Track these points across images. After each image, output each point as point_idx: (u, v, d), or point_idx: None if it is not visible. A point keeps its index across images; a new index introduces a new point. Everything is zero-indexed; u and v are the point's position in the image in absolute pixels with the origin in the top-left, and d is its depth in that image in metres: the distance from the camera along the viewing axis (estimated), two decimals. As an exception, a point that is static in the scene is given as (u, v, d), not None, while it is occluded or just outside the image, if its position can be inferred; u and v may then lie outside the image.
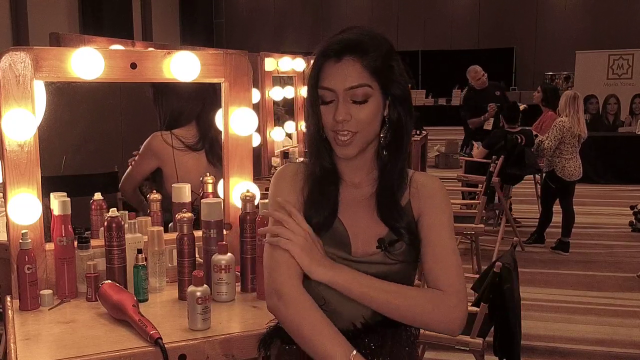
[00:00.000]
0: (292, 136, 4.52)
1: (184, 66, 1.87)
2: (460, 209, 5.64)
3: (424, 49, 17.59)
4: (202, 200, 1.89)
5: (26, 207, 1.71)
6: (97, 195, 2.01)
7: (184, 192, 2.13)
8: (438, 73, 17.11)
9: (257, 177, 2.02)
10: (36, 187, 1.73)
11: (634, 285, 4.52)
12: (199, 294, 1.53)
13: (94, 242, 1.86)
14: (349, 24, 1.37)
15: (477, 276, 2.89)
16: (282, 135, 4.27)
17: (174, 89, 2.38)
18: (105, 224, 1.78)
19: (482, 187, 4.98)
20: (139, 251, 1.78)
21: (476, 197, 5.27)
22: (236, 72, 1.95)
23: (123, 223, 1.80)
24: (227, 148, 1.99)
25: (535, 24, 16.92)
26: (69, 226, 1.77)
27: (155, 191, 2.14)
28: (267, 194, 1.41)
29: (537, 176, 6.44)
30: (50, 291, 1.74)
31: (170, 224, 2.13)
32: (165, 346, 1.44)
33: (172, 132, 2.43)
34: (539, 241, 5.56)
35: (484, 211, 4.63)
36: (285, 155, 4.08)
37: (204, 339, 1.51)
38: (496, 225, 5.86)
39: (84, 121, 2.51)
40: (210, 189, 2.16)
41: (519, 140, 5.48)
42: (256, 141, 3.70)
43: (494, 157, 5.13)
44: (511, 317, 2.38)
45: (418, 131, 7.01)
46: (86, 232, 2.01)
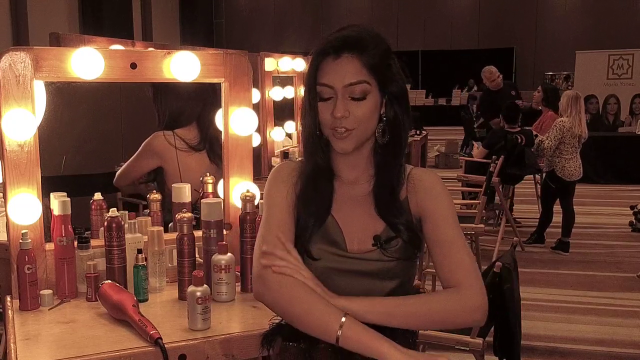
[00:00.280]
0: (292, 136, 4.52)
1: (184, 66, 1.86)
2: (460, 209, 5.63)
3: (424, 49, 17.61)
4: (202, 200, 1.88)
5: (26, 207, 1.70)
6: (97, 195, 2.01)
7: (184, 192, 2.12)
8: (438, 73, 17.13)
9: (257, 177, 2.02)
10: (36, 187, 1.73)
11: (634, 285, 4.52)
12: (199, 294, 1.53)
13: (94, 242, 1.86)
14: (350, 23, 1.37)
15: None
16: (282, 135, 4.27)
17: (174, 89, 2.37)
18: (105, 224, 1.78)
19: (482, 187, 4.98)
20: (139, 251, 1.77)
21: (476, 197, 5.26)
22: (236, 72, 1.95)
23: (123, 223, 1.80)
24: (227, 148, 1.99)
25: (535, 24, 16.93)
26: (69, 226, 1.77)
27: (156, 191, 2.14)
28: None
29: (537, 176, 6.44)
30: (50, 291, 1.74)
31: (170, 224, 2.13)
32: (165, 346, 1.44)
33: (175, 132, 2.43)
34: (539, 241, 5.56)
35: (484, 211, 4.63)
36: (285, 155, 4.08)
37: (204, 339, 1.51)
38: (496, 225, 5.86)
39: (84, 121, 2.51)
40: (210, 189, 2.16)
41: (519, 140, 5.48)
42: (256, 141, 3.70)
43: (494, 157, 5.13)
44: (511, 317, 2.38)
45: (418, 131, 7.01)
46: (86, 232, 2.01)
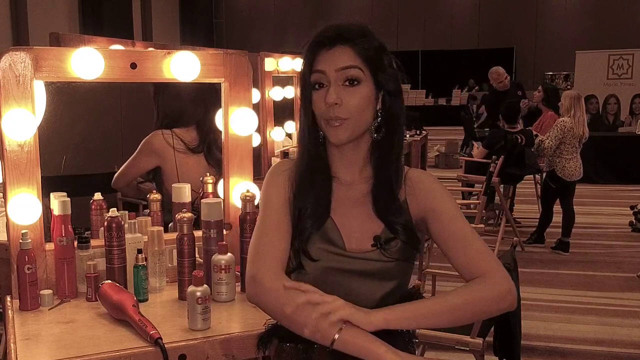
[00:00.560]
0: (292, 136, 4.52)
1: (184, 66, 1.86)
2: (460, 209, 5.63)
3: (424, 49, 17.61)
4: (202, 200, 1.88)
5: (26, 207, 1.70)
6: (97, 195, 2.01)
7: (184, 192, 2.12)
8: (438, 73, 17.13)
9: (257, 177, 2.02)
10: (36, 187, 1.73)
11: (634, 285, 4.52)
12: (199, 294, 1.53)
13: (94, 242, 1.86)
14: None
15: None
16: (282, 135, 4.27)
17: (175, 89, 2.37)
18: (105, 224, 1.78)
19: (482, 187, 4.98)
20: (139, 251, 1.77)
21: (477, 197, 5.27)
22: (236, 72, 1.95)
23: (123, 223, 1.80)
24: (227, 148, 1.99)
25: (535, 24, 16.93)
26: (69, 226, 1.77)
27: (155, 191, 2.14)
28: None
29: (537, 176, 6.44)
30: (50, 291, 1.74)
31: (170, 224, 2.13)
32: (165, 346, 1.44)
33: (173, 132, 2.42)
34: (539, 241, 5.56)
35: (484, 211, 4.63)
36: (285, 155, 4.08)
37: (204, 339, 1.51)
38: (496, 225, 5.86)
39: (84, 121, 2.52)
40: (210, 189, 2.16)
41: (519, 140, 5.48)
42: (256, 141, 3.69)
43: (494, 157, 5.13)
44: (511, 317, 2.38)
45: (418, 131, 7.01)
46: (86, 232, 2.01)
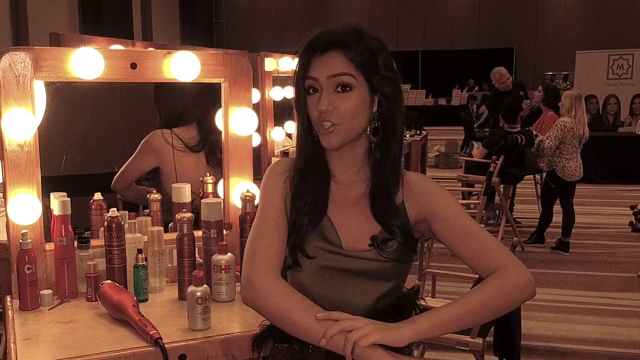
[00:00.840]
0: (292, 136, 4.52)
1: (184, 66, 1.86)
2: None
3: (424, 49, 17.61)
4: (202, 200, 1.88)
5: (26, 207, 1.70)
6: (97, 195, 2.01)
7: (184, 192, 2.12)
8: (438, 73, 17.13)
9: (257, 177, 2.01)
10: (36, 187, 1.73)
11: (634, 285, 4.52)
12: (199, 294, 1.53)
13: (94, 242, 1.86)
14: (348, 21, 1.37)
15: (478, 276, 2.89)
16: (282, 135, 4.27)
17: (176, 88, 2.37)
18: (105, 224, 1.78)
19: (482, 187, 4.98)
20: (139, 251, 1.77)
21: (477, 197, 5.27)
22: (236, 72, 1.95)
23: (123, 223, 1.80)
24: (227, 148, 1.99)
25: (535, 24, 16.92)
26: (69, 226, 1.77)
27: (155, 191, 2.14)
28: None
29: (537, 176, 6.44)
30: (50, 291, 1.74)
31: (170, 224, 2.12)
32: (165, 346, 1.44)
33: (173, 131, 2.42)
34: (539, 241, 5.56)
35: (484, 211, 4.63)
36: (285, 155, 4.08)
37: (204, 339, 1.51)
38: (496, 225, 5.86)
39: (84, 121, 2.51)
40: (210, 189, 2.16)
41: (519, 140, 5.48)
42: (256, 141, 3.69)
43: (494, 157, 5.13)
44: (511, 317, 2.38)
45: (418, 131, 7.02)
46: (86, 232, 2.01)
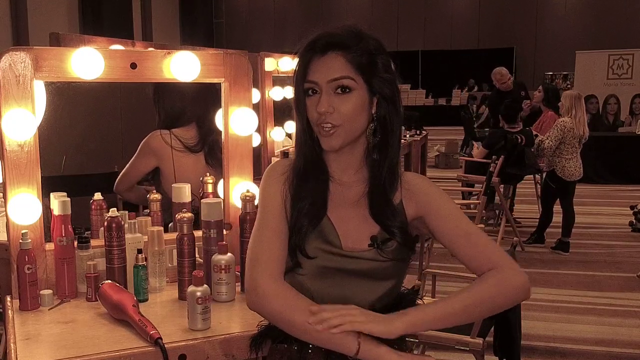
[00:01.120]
0: (292, 136, 4.51)
1: (184, 66, 1.86)
2: (460, 208, 5.63)
3: (424, 49, 17.60)
4: (202, 200, 1.88)
5: (26, 207, 1.70)
6: (97, 195, 2.01)
7: (184, 192, 2.12)
8: (438, 73, 17.13)
9: (257, 177, 2.01)
10: (36, 187, 1.73)
11: (634, 285, 4.52)
12: (199, 294, 1.53)
13: (94, 242, 1.85)
14: (348, 22, 1.37)
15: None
16: (282, 135, 4.27)
17: (175, 89, 2.37)
18: (105, 224, 1.78)
19: (482, 187, 4.98)
20: (139, 251, 1.77)
21: (477, 197, 5.26)
22: (236, 72, 1.95)
23: (123, 223, 1.80)
24: (227, 148, 1.99)
25: (535, 24, 16.92)
26: (69, 226, 1.77)
27: (155, 191, 2.14)
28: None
29: (537, 176, 6.44)
30: (50, 291, 1.74)
31: (170, 224, 2.12)
32: (165, 346, 1.44)
33: (172, 132, 2.42)
34: (539, 241, 5.56)
35: (484, 211, 4.63)
36: (285, 155, 4.08)
37: (204, 339, 1.51)
38: (496, 225, 5.86)
39: (84, 121, 2.51)
40: (210, 189, 2.16)
41: (519, 140, 5.48)
42: (256, 141, 3.69)
43: (494, 157, 5.13)
44: (511, 317, 2.38)
45: (418, 131, 7.02)
46: (86, 232, 2.01)
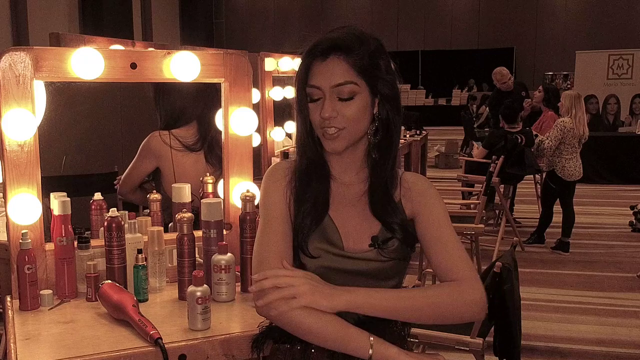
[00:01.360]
0: (292, 136, 4.52)
1: (184, 66, 1.86)
2: (460, 209, 5.63)
3: (424, 49, 17.60)
4: (202, 200, 1.88)
5: (26, 207, 1.70)
6: (97, 195, 2.01)
7: (184, 192, 2.12)
8: (438, 73, 17.12)
9: (257, 177, 2.01)
10: (36, 187, 1.73)
11: (634, 285, 4.52)
12: (199, 294, 1.53)
13: (94, 242, 1.86)
14: (348, 23, 1.37)
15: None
16: (282, 135, 4.27)
17: (176, 89, 2.37)
18: (105, 224, 1.78)
19: (482, 187, 4.98)
20: (139, 251, 1.77)
21: (477, 197, 5.26)
22: (236, 72, 1.95)
23: (123, 223, 1.80)
24: (227, 148, 1.99)
25: (535, 24, 16.91)
26: (69, 226, 1.77)
27: (155, 191, 2.14)
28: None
29: (537, 176, 6.44)
30: (50, 291, 1.74)
31: (170, 224, 2.12)
32: (165, 346, 1.44)
33: (171, 132, 2.42)
34: (539, 241, 5.56)
35: (484, 211, 4.63)
36: (285, 155, 4.08)
37: (204, 339, 1.51)
38: (496, 225, 5.86)
39: (84, 121, 2.51)
40: (210, 189, 2.16)
41: (519, 140, 5.48)
42: (256, 141, 3.69)
43: (494, 157, 5.13)
44: (511, 317, 2.38)
45: (418, 131, 7.01)
46: (86, 232, 2.01)
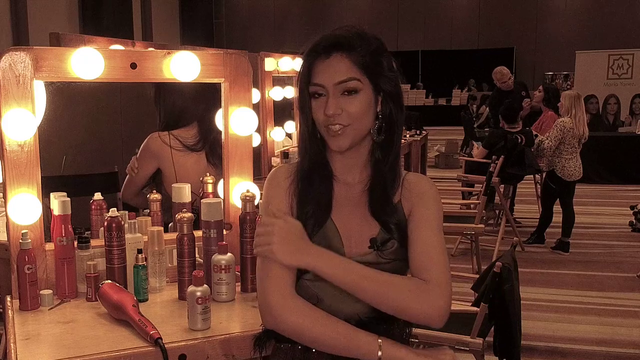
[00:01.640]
0: (292, 136, 4.52)
1: (184, 66, 1.86)
2: (460, 209, 5.63)
3: (424, 49, 17.60)
4: (202, 200, 1.88)
5: (26, 207, 1.70)
6: (97, 195, 2.01)
7: (184, 192, 2.13)
8: (438, 73, 17.13)
9: (257, 177, 2.02)
10: (36, 187, 1.73)
11: (634, 285, 4.52)
12: (199, 294, 1.53)
13: (94, 242, 1.86)
14: (349, 23, 1.37)
15: (477, 276, 2.89)
16: (282, 135, 4.27)
17: (176, 89, 2.37)
18: (105, 224, 1.78)
19: (482, 187, 4.98)
20: (139, 251, 1.77)
21: (477, 197, 5.26)
22: (236, 72, 1.95)
23: (123, 223, 1.80)
24: (227, 148, 1.99)
25: (535, 24, 16.91)
26: (69, 226, 1.77)
27: (155, 191, 2.14)
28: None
29: (537, 176, 6.44)
30: (50, 291, 1.74)
31: (170, 224, 2.12)
32: (165, 346, 1.44)
33: (170, 133, 2.42)
34: (539, 241, 5.56)
35: (484, 211, 4.63)
36: (285, 155, 4.08)
37: (204, 339, 1.51)
38: (496, 225, 5.86)
39: (84, 121, 2.52)
40: (210, 189, 2.16)
41: (519, 140, 5.48)
42: (256, 141, 3.69)
43: (494, 157, 5.13)
44: (511, 317, 2.38)
45: (418, 131, 7.01)
46: (86, 232, 2.01)
